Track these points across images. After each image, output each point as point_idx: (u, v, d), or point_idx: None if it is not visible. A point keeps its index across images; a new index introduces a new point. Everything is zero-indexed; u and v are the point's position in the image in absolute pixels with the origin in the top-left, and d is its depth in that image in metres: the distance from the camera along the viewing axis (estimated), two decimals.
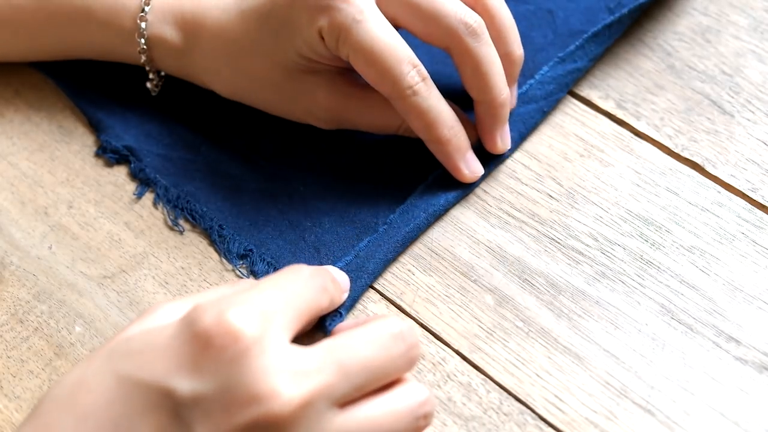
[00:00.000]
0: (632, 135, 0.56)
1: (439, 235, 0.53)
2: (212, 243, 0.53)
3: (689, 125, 0.56)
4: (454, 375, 0.48)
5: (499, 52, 0.52)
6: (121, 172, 0.56)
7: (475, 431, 0.47)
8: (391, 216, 0.53)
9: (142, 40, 0.54)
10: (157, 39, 0.54)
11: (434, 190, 0.53)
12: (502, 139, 0.53)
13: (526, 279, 0.51)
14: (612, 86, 0.58)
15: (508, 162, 0.55)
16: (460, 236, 0.53)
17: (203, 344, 0.38)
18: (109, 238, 0.53)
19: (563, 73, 0.56)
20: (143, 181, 0.55)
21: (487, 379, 0.48)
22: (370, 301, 0.51)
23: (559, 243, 0.52)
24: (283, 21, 0.51)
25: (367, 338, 0.41)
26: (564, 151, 0.56)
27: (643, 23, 0.60)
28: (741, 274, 0.51)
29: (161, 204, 0.54)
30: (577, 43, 0.57)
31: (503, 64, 0.52)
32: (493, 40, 0.52)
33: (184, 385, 0.38)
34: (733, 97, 0.57)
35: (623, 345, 0.49)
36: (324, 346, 0.40)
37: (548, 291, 0.51)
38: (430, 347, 0.49)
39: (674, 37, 0.60)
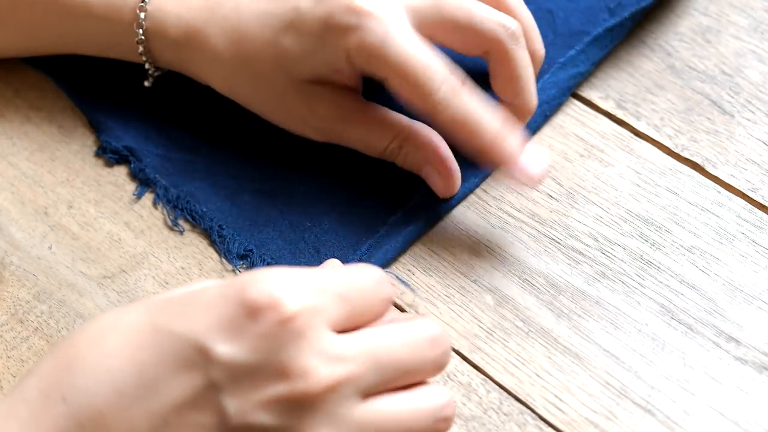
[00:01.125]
0: (632, 135, 0.56)
1: (439, 235, 0.53)
2: (212, 243, 0.53)
3: (689, 125, 0.56)
4: (454, 375, 0.48)
5: None
6: (121, 172, 0.56)
7: (475, 431, 0.47)
8: (392, 217, 0.53)
9: (140, 31, 0.54)
10: (156, 30, 0.54)
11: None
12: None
13: (526, 279, 0.51)
14: (612, 86, 0.58)
15: None
16: (460, 236, 0.53)
17: (249, 312, 0.38)
18: (109, 238, 0.53)
19: (565, 78, 0.57)
20: (143, 181, 0.55)
21: (487, 379, 0.48)
22: None
23: (559, 243, 0.52)
24: (307, 33, 0.50)
25: (404, 337, 0.41)
26: (564, 151, 0.56)
27: (644, 23, 0.60)
28: (741, 274, 0.51)
29: (161, 204, 0.54)
30: (579, 48, 0.57)
31: None
32: None
33: (222, 348, 0.38)
34: (733, 97, 0.57)
35: (623, 345, 0.49)
36: (362, 335, 0.40)
37: (548, 291, 0.51)
38: None
39: (674, 37, 0.60)
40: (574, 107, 0.57)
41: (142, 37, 0.54)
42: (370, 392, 0.40)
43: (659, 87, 0.58)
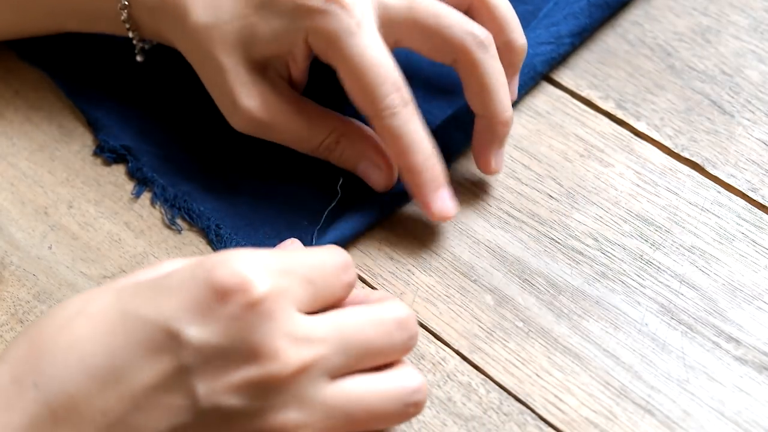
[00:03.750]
0: (632, 135, 0.56)
1: (439, 235, 0.53)
2: (210, 242, 0.53)
3: (689, 125, 0.56)
4: (454, 375, 0.48)
5: (500, 42, 0.52)
6: (120, 172, 0.56)
7: (475, 431, 0.47)
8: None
9: None
10: None
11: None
12: (496, 161, 0.53)
13: (526, 279, 0.51)
14: (612, 86, 0.58)
15: (508, 162, 0.55)
16: (460, 236, 0.53)
17: (218, 294, 0.39)
18: (109, 238, 0.53)
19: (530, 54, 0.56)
20: (141, 180, 0.55)
21: (487, 379, 0.48)
22: None
23: (559, 243, 0.52)
24: (279, 12, 0.50)
25: (372, 318, 0.42)
26: (564, 151, 0.56)
27: (643, 23, 0.60)
28: (741, 274, 0.51)
29: (159, 203, 0.54)
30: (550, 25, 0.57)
31: (504, 54, 0.52)
32: (494, 31, 0.51)
33: (192, 330, 0.39)
34: (733, 97, 0.57)
35: (623, 345, 0.49)
36: (330, 317, 0.41)
37: (548, 291, 0.51)
38: (430, 347, 0.49)
39: (674, 37, 0.60)
40: (574, 107, 0.57)
41: (125, 2, 0.53)
42: (338, 373, 0.41)
43: (659, 87, 0.58)
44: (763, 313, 0.49)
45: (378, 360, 0.42)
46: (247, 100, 0.51)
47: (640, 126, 0.56)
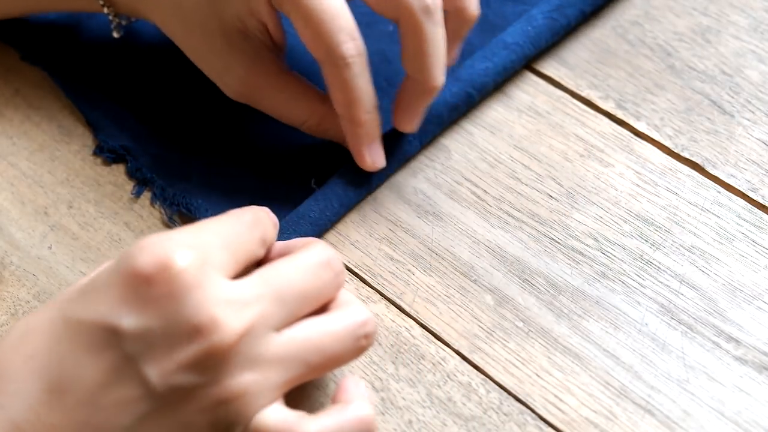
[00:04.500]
0: (632, 135, 0.56)
1: (439, 235, 0.53)
2: None
3: (689, 125, 0.56)
4: (454, 375, 0.48)
5: (451, 8, 0.51)
6: (120, 172, 0.56)
7: (475, 431, 0.47)
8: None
9: None
10: None
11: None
12: (416, 121, 0.53)
13: (526, 279, 0.51)
14: (612, 86, 0.58)
15: (508, 162, 0.55)
16: (460, 236, 0.53)
17: (142, 279, 0.39)
18: (109, 238, 0.53)
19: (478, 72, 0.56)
20: (140, 180, 0.55)
21: (487, 379, 0.48)
22: (370, 301, 0.51)
23: (559, 243, 0.52)
24: None
25: (297, 266, 0.43)
26: (564, 151, 0.56)
27: (643, 23, 0.60)
28: (741, 274, 0.51)
29: (159, 203, 0.54)
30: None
31: (453, 20, 0.52)
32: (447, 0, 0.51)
33: (129, 321, 0.39)
34: (733, 97, 0.57)
35: (623, 345, 0.49)
36: (258, 275, 0.42)
37: (548, 291, 0.51)
38: (430, 347, 0.49)
39: (674, 37, 0.60)
40: (574, 107, 0.57)
41: None
42: (282, 325, 0.41)
43: (659, 87, 0.58)
44: (763, 313, 0.49)
45: (314, 303, 0.43)
46: (231, 71, 0.52)
47: (640, 126, 0.56)
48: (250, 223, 0.44)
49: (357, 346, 0.43)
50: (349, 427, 0.41)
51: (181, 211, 0.54)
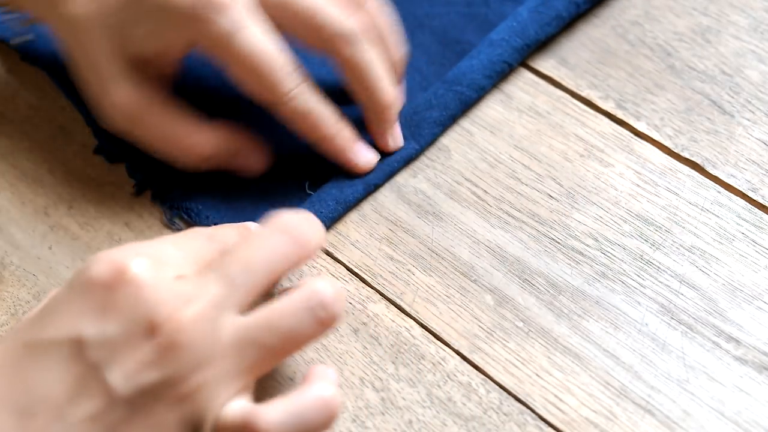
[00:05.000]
0: (632, 135, 0.56)
1: (439, 235, 0.53)
2: None
3: (689, 125, 0.56)
4: (454, 375, 0.48)
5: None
6: (120, 172, 0.56)
7: (475, 431, 0.47)
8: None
9: None
10: None
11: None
12: (393, 139, 0.54)
13: (526, 279, 0.51)
14: (612, 86, 0.58)
15: (508, 162, 0.55)
16: (460, 236, 0.53)
17: (99, 288, 0.40)
18: (109, 238, 0.53)
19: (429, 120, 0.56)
20: (140, 180, 0.55)
21: (487, 379, 0.48)
22: (370, 301, 0.51)
23: (559, 243, 0.52)
24: (152, 6, 0.49)
25: (251, 245, 0.42)
26: (564, 151, 0.56)
27: (643, 23, 0.60)
28: (741, 274, 0.51)
29: (158, 203, 0.54)
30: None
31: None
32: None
33: (90, 329, 0.40)
34: (733, 97, 0.57)
35: (623, 345, 0.49)
36: (209, 266, 0.42)
37: (548, 291, 0.51)
38: (430, 347, 0.49)
39: (674, 37, 0.60)
40: (574, 107, 0.57)
41: None
42: (240, 309, 0.41)
43: (659, 87, 0.58)
44: (763, 313, 0.49)
45: (272, 275, 0.42)
46: (116, 98, 0.51)
47: (640, 126, 0.56)
48: (208, 235, 0.45)
49: (315, 320, 0.42)
50: (310, 408, 0.41)
51: (181, 215, 0.54)
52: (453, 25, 0.60)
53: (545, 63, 0.59)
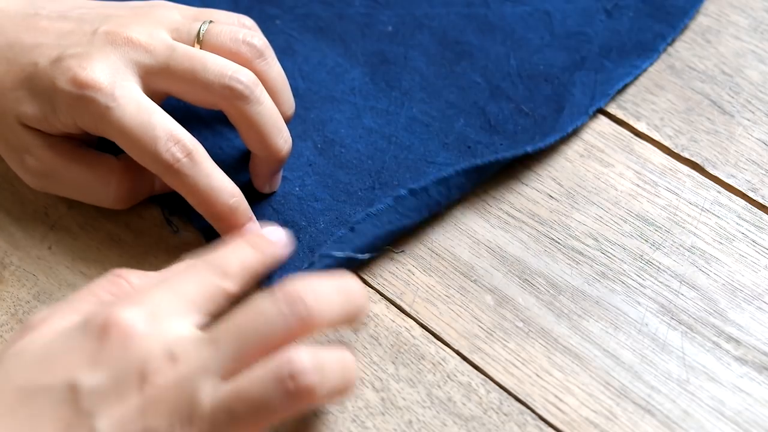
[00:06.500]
0: (632, 135, 0.56)
1: (439, 235, 0.53)
2: (208, 242, 0.53)
3: (689, 125, 0.56)
4: (454, 375, 0.48)
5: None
6: None
7: (475, 431, 0.47)
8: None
9: None
10: None
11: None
12: (271, 185, 0.54)
13: (526, 279, 0.51)
14: None
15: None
16: (460, 236, 0.53)
17: (98, 338, 0.41)
18: (109, 238, 0.54)
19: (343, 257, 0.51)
20: None
21: (487, 379, 0.48)
22: (370, 301, 0.51)
23: (559, 243, 0.52)
24: (42, 89, 0.49)
25: (247, 311, 0.42)
26: (564, 151, 0.56)
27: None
28: (741, 274, 0.51)
29: (157, 203, 0.54)
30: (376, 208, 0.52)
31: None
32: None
33: (86, 378, 0.40)
34: (733, 97, 0.57)
35: (623, 345, 0.49)
36: (212, 329, 0.42)
37: (548, 291, 0.51)
38: (430, 347, 0.49)
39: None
40: None
41: None
42: (228, 372, 0.41)
43: (659, 87, 0.58)
44: (763, 313, 0.49)
45: (265, 347, 0.41)
46: (25, 165, 0.52)
47: (640, 126, 0.56)
48: (206, 266, 0.45)
49: (283, 392, 0.40)
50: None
51: (180, 215, 0.54)
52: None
53: None
